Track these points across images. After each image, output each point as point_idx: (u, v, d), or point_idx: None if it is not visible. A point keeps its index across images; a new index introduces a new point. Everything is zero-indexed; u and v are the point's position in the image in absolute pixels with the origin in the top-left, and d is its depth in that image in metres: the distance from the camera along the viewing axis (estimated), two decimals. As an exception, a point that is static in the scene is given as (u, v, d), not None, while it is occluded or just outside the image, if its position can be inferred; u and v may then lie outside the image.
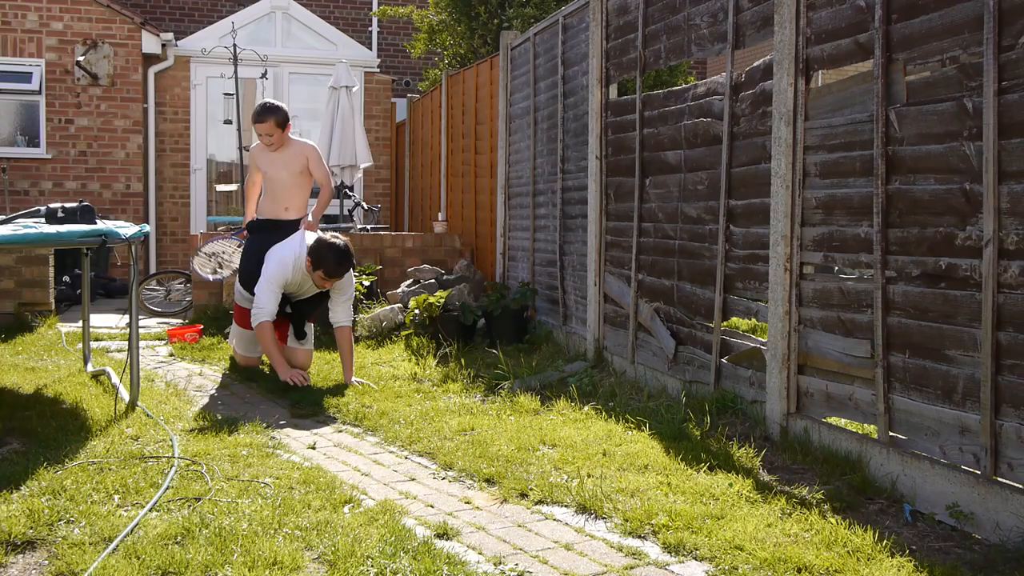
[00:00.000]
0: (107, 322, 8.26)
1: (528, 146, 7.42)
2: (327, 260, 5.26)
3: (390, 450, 4.04)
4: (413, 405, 4.80)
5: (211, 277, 6.70)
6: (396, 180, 13.22)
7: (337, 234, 5.51)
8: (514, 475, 3.51)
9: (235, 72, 8.72)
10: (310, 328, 5.94)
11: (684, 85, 5.50)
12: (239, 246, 6.38)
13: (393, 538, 2.80)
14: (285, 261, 5.40)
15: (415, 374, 5.67)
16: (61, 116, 11.55)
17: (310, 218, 5.84)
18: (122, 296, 10.20)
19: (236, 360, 6.03)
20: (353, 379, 5.38)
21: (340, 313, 5.56)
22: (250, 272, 5.63)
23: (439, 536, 2.92)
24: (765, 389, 4.10)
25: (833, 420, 3.76)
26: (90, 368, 5.61)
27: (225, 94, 12.05)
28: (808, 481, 3.44)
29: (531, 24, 9.29)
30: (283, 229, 5.69)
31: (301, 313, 5.75)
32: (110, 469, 3.48)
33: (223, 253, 6.63)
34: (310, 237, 5.50)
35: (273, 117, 5.61)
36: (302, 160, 5.77)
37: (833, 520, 3.01)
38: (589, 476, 3.51)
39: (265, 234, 5.73)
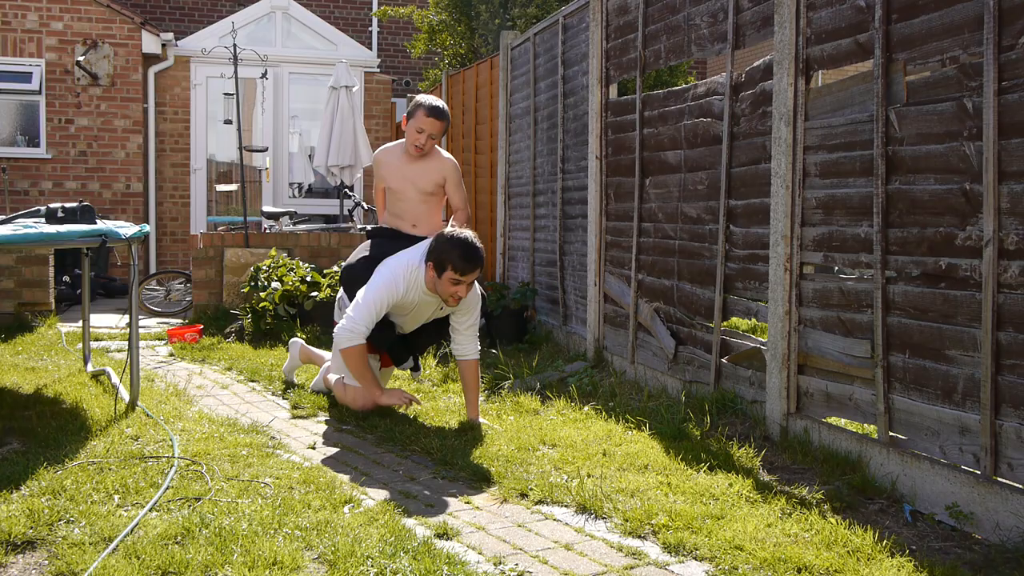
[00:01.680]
0: (107, 322, 8.26)
1: (528, 146, 7.42)
2: (451, 255, 4.16)
3: (390, 450, 4.04)
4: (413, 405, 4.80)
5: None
6: (396, 180, 13.20)
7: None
8: (514, 475, 3.51)
9: (235, 72, 8.72)
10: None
11: (684, 85, 5.51)
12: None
13: (393, 538, 2.80)
14: (396, 274, 4.34)
15: (415, 374, 5.66)
16: (61, 116, 11.55)
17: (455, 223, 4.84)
18: (122, 296, 10.21)
19: (339, 399, 4.74)
20: (480, 419, 4.42)
21: (466, 342, 4.50)
22: (356, 276, 4.67)
23: (439, 536, 2.92)
24: (765, 389, 4.10)
25: (833, 420, 3.76)
26: (90, 368, 5.61)
27: (225, 94, 12.06)
28: (808, 481, 3.44)
29: (533, 24, 9.29)
30: (410, 240, 4.73)
31: (415, 344, 4.84)
32: (110, 469, 3.48)
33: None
34: None
35: (446, 120, 4.76)
36: (438, 177, 4.82)
37: (833, 520, 3.00)
38: (589, 476, 3.51)
39: (388, 240, 4.80)
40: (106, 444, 3.83)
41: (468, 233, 4.22)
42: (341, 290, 4.93)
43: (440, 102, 4.73)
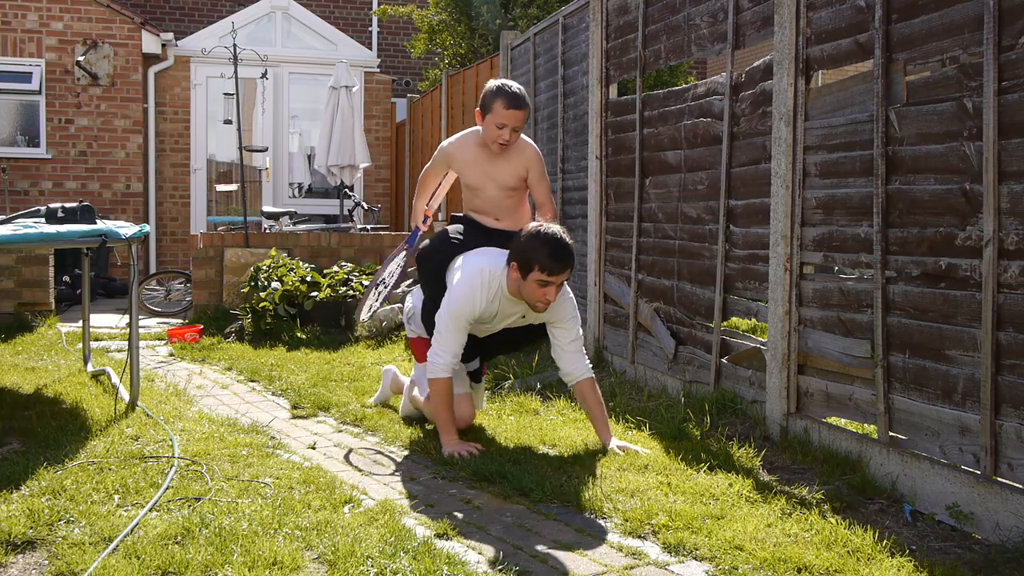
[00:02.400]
0: (107, 322, 8.27)
1: (528, 146, 7.41)
2: (538, 253, 3.67)
3: (390, 450, 4.04)
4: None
5: (365, 315, 4.67)
6: (396, 180, 13.22)
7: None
8: (514, 475, 3.51)
9: (235, 72, 8.72)
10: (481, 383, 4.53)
11: (684, 85, 5.51)
12: (405, 254, 4.66)
13: (393, 538, 2.80)
14: (472, 279, 3.85)
15: (415, 374, 5.66)
16: (61, 116, 11.56)
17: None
18: (122, 296, 10.21)
19: (429, 415, 4.21)
20: (615, 443, 3.84)
21: (574, 360, 3.96)
22: (431, 268, 4.18)
23: (439, 536, 2.92)
24: (765, 389, 4.10)
25: (833, 420, 3.76)
26: (90, 368, 5.61)
27: (225, 94, 12.07)
28: (808, 481, 3.44)
29: (534, 24, 9.29)
30: (496, 237, 4.19)
31: (486, 348, 4.32)
32: (110, 469, 3.48)
33: (389, 277, 4.69)
34: None
35: (528, 107, 4.13)
36: (520, 170, 4.20)
37: (833, 520, 3.00)
38: (589, 476, 3.51)
39: (469, 227, 4.27)
40: (106, 444, 3.83)
41: (555, 228, 3.74)
42: (412, 307, 4.45)
43: (517, 87, 4.10)
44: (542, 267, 3.67)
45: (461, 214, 4.38)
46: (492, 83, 4.12)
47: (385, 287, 4.60)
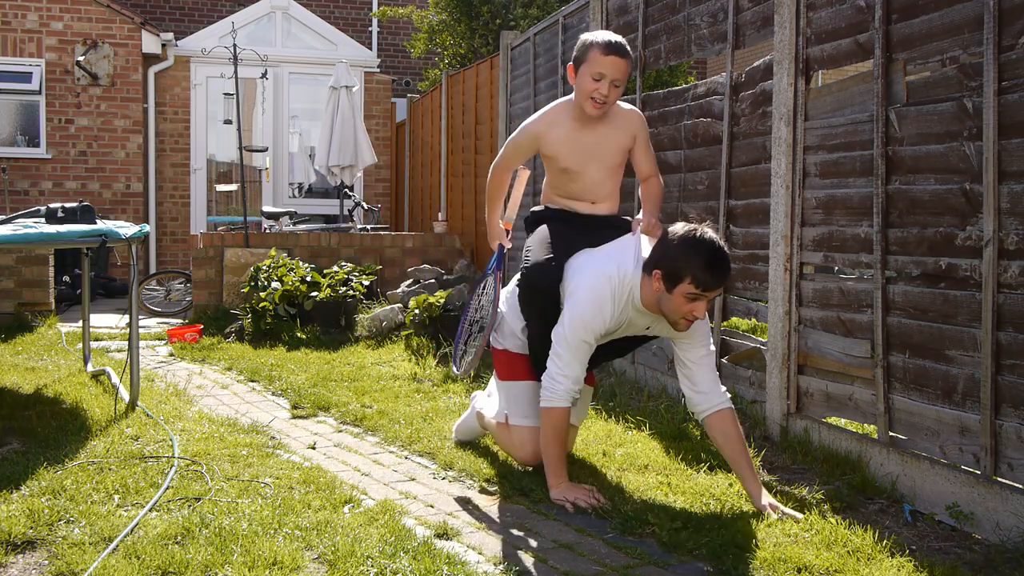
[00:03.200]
0: (107, 322, 8.27)
1: (528, 146, 7.41)
2: (691, 263, 3.03)
3: (390, 450, 4.04)
4: (413, 405, 4.80)
5: (464, 366, 3.79)
6: (396, 180, 13.22)
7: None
8: (514, 475, 3.51)
9: (235, 72, 8.73)
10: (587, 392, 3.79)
11: (684, 85, 5.51)
12: (493, 281, 3.79)
13: (393, 538, 2.80)
14: (598, 288, 3.20)
15: (415, 374, 5.67)
16: (61, 116, 11.56)
17: (639, 216, 3.44)
18: (122, 296, 10.21)
19: (511, 445, 3.61)
20: (766, 499, 3.13)
21: (704, 377, 3.28)
22: (538, 288, 3.41)
23: (439, 536, 2.92)
24: (765, 389, 4.10)
25: (833, 420, 3.76)
26: (90, 368, 5.61)
27: (225, 94, 12.07)
28: (808, 481, 3.44)
29: (534, 24, 9.29)
30: (593, 226, 3.52)
31: (592, 360, 3.46)
32: (110, 469, 3.48)
33: (478, 314, 3.86)
34: (647, 245, 3.28)
35: (630, 58, 3.43)
36: (625, 140, 3.53)
37: (833, 520, 3.00)
38: (589, 476, 3.51)
39: (564, 224, 3.56)
40: (106, 444, 3.83)
41: (710, 232, 3.07)
42: (507, 299, 3.69)
43: (617, 36, 3.42)
44: (696, 280, 3.02)
45: (540, 207, 3.71)
46: (587, 34, 3.48)
47: (480, 326, 3.76)
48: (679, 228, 3.11)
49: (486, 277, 3.83)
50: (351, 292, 7.44)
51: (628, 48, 3.41)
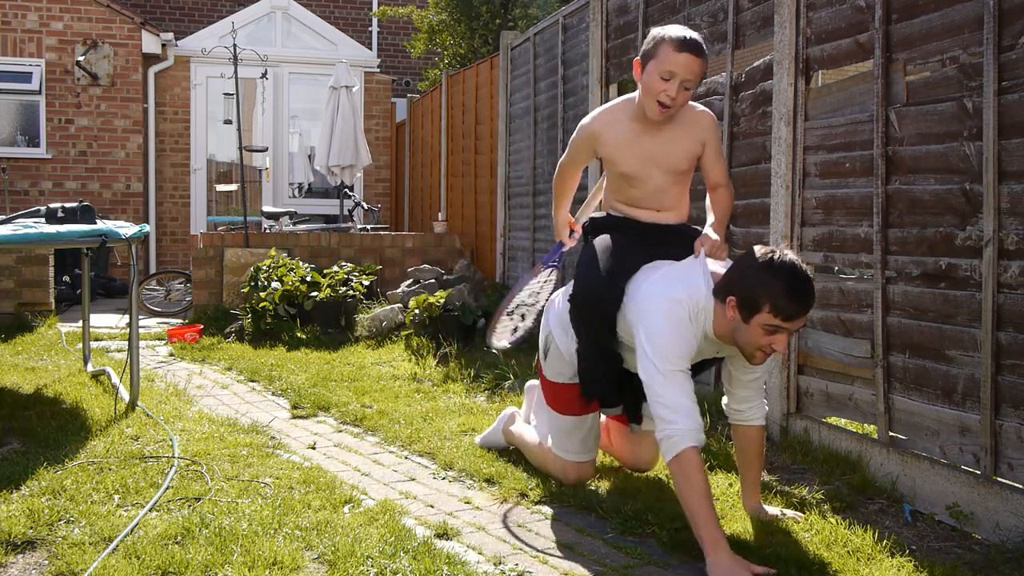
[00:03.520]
0: (107, 322, 8.27)
1: (528, 146, 7.42)
2: (770, 289, 2.69)
3: (390, 450, 4.04)
4: (413, 405, 4.80)
5: (508, 342, 3.68)
6: (396, 180, 13.23)
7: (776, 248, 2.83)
8: (514, 475, 3.51)
9: (235, 72, 8.73)
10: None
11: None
12: (551, 275, 3.67)
13: (393, 538, 2.80)
14: (673, 314, 2.85)
15: (415, 374, 5.67)
16: (61, 116, 11.56)
17: (707, 229, 3.13)
18: (122, 296, 10.21)
19: (549, 469, 3.48)
20: (767, 507, 3.09)
21: (749, 395, 3.08)
22: (597, 303, 3.07)
23: (439, 536, 2.92)
24: (765, 389, 4.09)
25: (833, 420, 3.76)
26: (90, 368, 5.61)
27: (225, 94, 12.07)
28: (808, 481, 3.44)
29: (534, 24, 9.29)
30: (658, 237, 3.18)
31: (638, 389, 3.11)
32: (110, 469, 3.48)
33: (530, 298, 3.70)
34: (715, 267, 2.96)
35: (706, 57, 3.08)
36: (693, 146, 3.17)
37: (833, 520, 3.00)
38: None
39: (624, 235, 3.22)
40: (106, 444, 3.83)
41: (790, 255, 2.75)
42: (552, 313, 3.40)
43: (693, 32, 3.06)
44: (776, 309, 2.69)
45: (601, 214, 3.36)
46: (657, 29, 3.11)
47: (522, 316, 3.63)
48: (756, 251, 2.80)
49: (541, 270, 3.63)
50: (351, 292, 7.44)
51: (704, 46, 3.04)
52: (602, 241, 3.19)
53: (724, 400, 3.16)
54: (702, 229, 3.16)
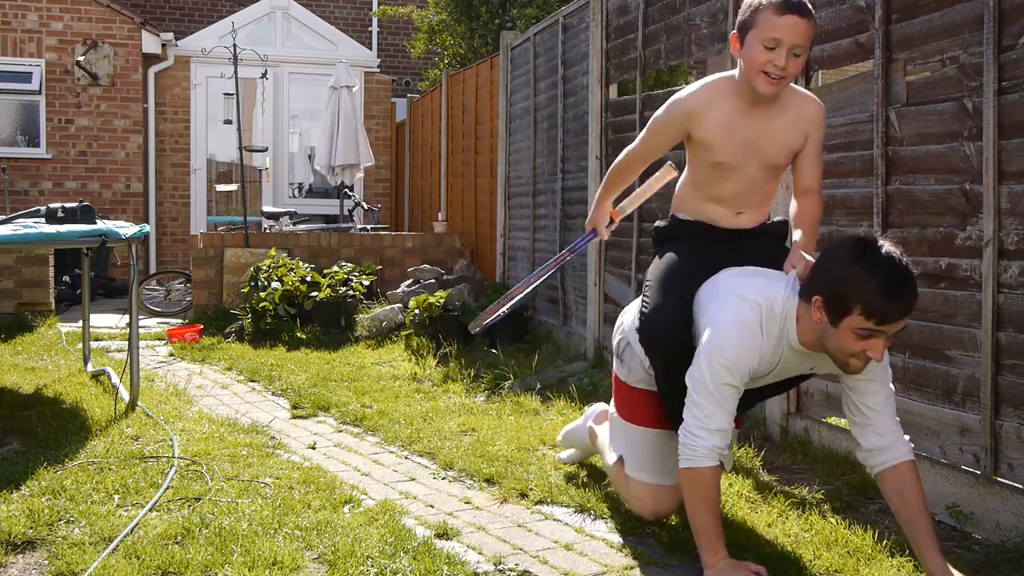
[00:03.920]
0: (107, 322, 8.26)
1: (528, 146, 7.42)
2: (864, 287, 2.34)
3: (390, 450, 4.04)
4: (413, 405, 4.80)
5: (485, 323, 3.39)
6: (396, 180, 13.22)
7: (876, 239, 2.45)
8: (514, 475, 3.51)
9: (235, 72, 8.73)
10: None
11: (684, 85, 5.51)
12: (562, 260, 3.39)
13: (393, 538, 2.80)
14: (744, 318, 2.53)
15: (415, 374, 5.67)
16: (61, 116, 11.55)
17: (795, 238, 2.77)
18: (122, 296, 10.21)
19: (622, 493, 3.10)
20: (953, 571, 2.49)
21: (886, 424, 2.62)
22: (666, 332, 2.72)
23: (439, 536, 2.92)
24: (765, 389, 4.09)
25: (833, 420, 3.76)
26: (90, 368, 5.61)
27: (225, 94, 12.07)
28: (808, 481, 3.44)
29: (533, 24, 9.29)
30: (736, 245, 2.83)
31: (743, 403, 2.73)
32: (110, 469, 3.48)
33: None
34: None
35: (815, 22, 2.65)
36: (796, 138, 2.77)
37: (833, 520, 3.01)
38: (589, 476, 3.51)
39: (698, 247, 2.85)
40: (106, 444, 3.83)
41: (887, 245, 2.38)
42: (623, 330, 3.05)
43: None
44: (868, 310, 2.34)
45: (667, 221, 3.01)
46: None
47: (510, 301, 3.37)
48: (846, 241, 2.48)
49: (564, 257, 3.34)
50: (351, 292, 7.44)
51: (810, 6, 2.63)
52: (669, 258, 2.86)
53: (865, 453, 2.63)
54: (781, 224, 2.91)
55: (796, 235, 2.75)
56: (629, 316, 3.04)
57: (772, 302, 2.54)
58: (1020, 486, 2.85)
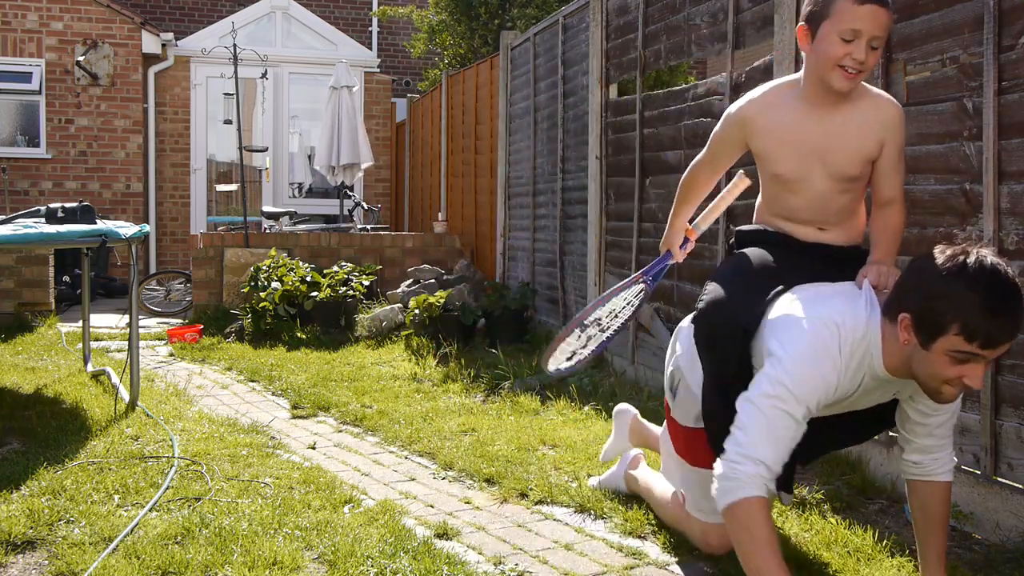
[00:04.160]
0: (107, 322, 8.26)
1: (528, 146, 7.42)
2: (963, 303, 2.04)
3: (390, 450, 4.04)
4: (413, 405, 4.80)
5: (563, 367, 2.90)
6: (396, 180, 13.22)
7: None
8: (514, 475, 3.51)
9: (235, 72, 8.73)
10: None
11: (684, 85, 5.51)
12: (643, 292, 2.90)
13: (393, 538, 2.81)
14: (818, 338, 2.19)
15: (415, 374, 5.67)
16: (61, 116, 11.55)
17: (871, 251, 2.49)
18: (122, 296, 10.21)
19: (685, 530, 2.86)
20: None
21: (936, 444, 2.41)
22: (719, 316, 2.44)
23: (439, 536, 2.92)
24: (765, 389, 4.09)
25: (833, 420, 3.76)
26: (90, 368, 5.61)
27: (225, 94, 12.07)
28: (808, 481, 3.44)
29: (533, 24, 9.29)
30: (821, 263, 2.50)
31: (817, 442, 2.42)
32: (110, 469, 3.48)
33: (608, 318, 2.91)
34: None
35: (890, 8, 2.40)
36: (871, 144, 2.47)
37: (833, 520, 3.01)
38: (589, 476, 3.51)
39: (776, 254, 2.55)
40: (106, 444, 3.83)
41: (989, 256, 2.07)
42: (676, 362, 2.76)
43: None
44: (968, 331, 2.03)
45: (749, 227, 2.72)
46: None
47: (601, 331, 2.87)
48: (939, 251, 2.13)
49: (637, 282, 2.89)
50: (351, 292, 7.44)
51: None
52: (743, 254, 2.59)
53: (907, 460, 2.45)
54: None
55: (873, 252, 2.47)
56: (681, 345, 2.70)
57: (854, 322, 2.20)
58: (1020, 486, 2.85)
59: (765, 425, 2.15)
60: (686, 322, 2.74)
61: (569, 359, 2.88)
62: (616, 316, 2.86)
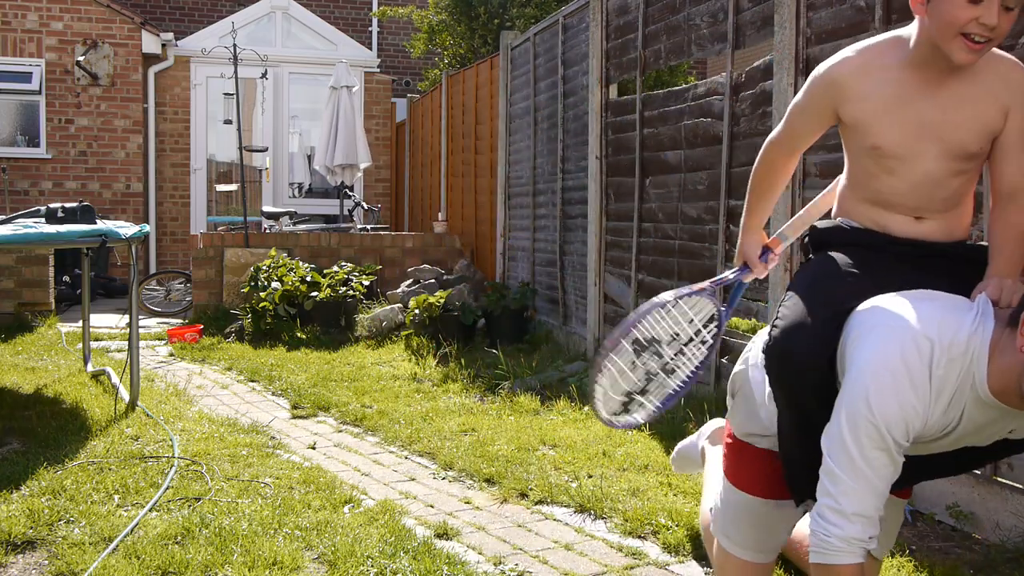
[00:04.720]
0: (107, 322, 8.27)
1: (528, 146, 7.42)
2: None
3: (390, 450, 4.04)
4: (413, 405, 4.80)
5: (622, 420, 2.23)
6: (396, 180, 13.23)
7: None
8: (514, 475, 3.51)
9: (235, 72, 8.73)
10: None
11: (684, 85, 5.51)
12: (715, 324, 2.23)
13: (393, 538, 2.81)
14: (903, 359, 1.77)
15: (415, 374, 5.67)
16: (61, 116, 11.55)
17: (990, 260, 1.98)
18: (122, 296, 10.21)
19: (709, 551, 2.59)
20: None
21: None
22: (801, 331, 1.95)
23: (439, 536, 2.92)
24: (765, 389, 4.09)
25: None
26: (90, 368, 5.61)
27: (225, 94, 12.06)
28: (808, 481, 3.44)
29: (532, 24, 9.29)
30: (919, 264, 2.03)
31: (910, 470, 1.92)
32: (110, 469, 3.48)
33: (671, 348, 2.19)
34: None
35: None
36: (994, 114, 1.98)
37: (833, 520, 3.00)
38: (589, 476, 3.51)
39: (865, 257, 2.05)
40: (106, 444, 3.83)
41: None
42: (747, 361, 2.25)
43: None
44: None
45: (830, 222, 2.18)
46: None
47: (666, 371, 2.21)
48: None
49: (702, 293, 2.19)
50: (351, 292, 7.44)
51: None
52: (824, 261, 2.09)
53: None
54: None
55: (992, 252, 1.99)
56: (755, 347, 2.25)
57: (953, 338, 1.79)
58: (1020, 486, 2.85)
59: (857, 471, 1.80)
60: (758, 344, 2.23)
61: (626, 404, 2.23)
62: (683, 352, 2.21)
